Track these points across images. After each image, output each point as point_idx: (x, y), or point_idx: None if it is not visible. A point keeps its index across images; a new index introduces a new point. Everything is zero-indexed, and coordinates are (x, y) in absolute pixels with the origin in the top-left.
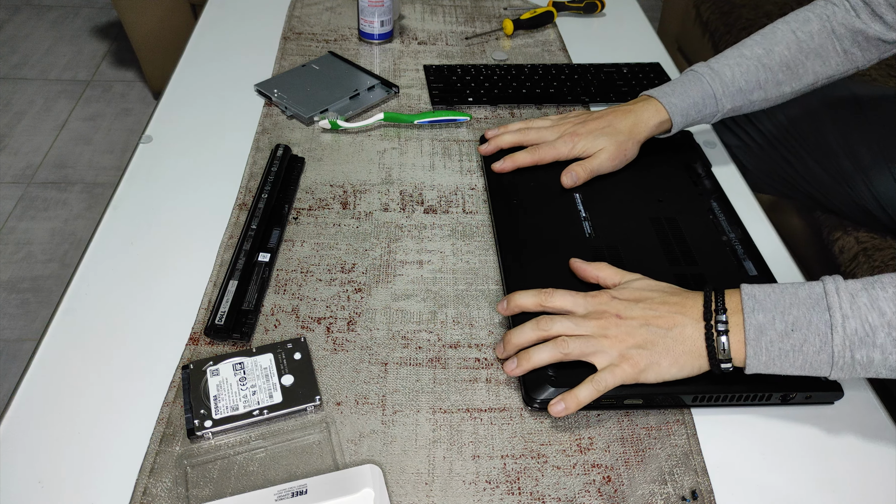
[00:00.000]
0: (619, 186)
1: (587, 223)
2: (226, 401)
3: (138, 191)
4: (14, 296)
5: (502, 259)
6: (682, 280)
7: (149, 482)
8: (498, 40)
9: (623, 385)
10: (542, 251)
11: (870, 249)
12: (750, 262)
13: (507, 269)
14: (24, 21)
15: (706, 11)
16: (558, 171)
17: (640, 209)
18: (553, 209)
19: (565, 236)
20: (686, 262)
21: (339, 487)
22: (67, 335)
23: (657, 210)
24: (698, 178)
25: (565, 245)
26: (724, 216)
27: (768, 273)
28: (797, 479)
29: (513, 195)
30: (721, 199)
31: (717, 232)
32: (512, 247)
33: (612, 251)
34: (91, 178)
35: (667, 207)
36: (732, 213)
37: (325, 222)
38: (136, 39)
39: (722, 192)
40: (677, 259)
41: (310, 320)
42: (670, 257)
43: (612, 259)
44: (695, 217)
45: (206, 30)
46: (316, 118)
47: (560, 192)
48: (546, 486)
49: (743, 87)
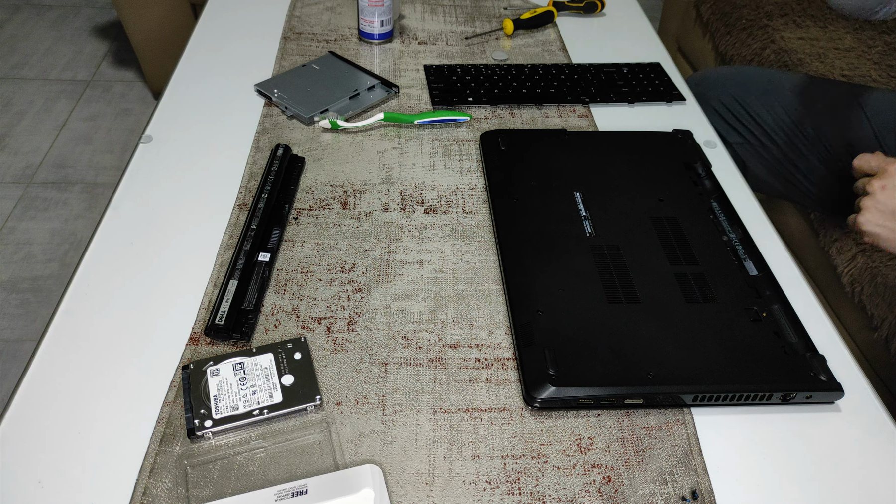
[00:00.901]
0: (619, 186)
1: (588, 222)
2: (226, 401)
3: (138, 191)
4: (14, 296)
5: (503, 258)
6: (683, 280)
7: (149, 482)
8: (498, 40)
9: (623, 384)
10: (542, 250)
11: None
12: (751, 261)
13: (507, 268)
14: (24, 21)
15: (706, 11)
16: (559, 170)
17: (641, 209)
18: (554, 208)
19: (566, 235)
20: (687, 261)
21: (340, 487)
22: (67, 335)
23: (658, 209)
24: (698, 178)
25: (566, 244)
26: (724, 216)
27: (769, 273)
28: (797, 480)
29: (513, 195)
30: (721, 199)
31: (718, 232)
32: (512, 246)
33: (613, 250)
34: (91, 178)
35: (667, 207)
36: (733, 213)
37: (325, 222)
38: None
39: (722, 191)
40: (678, 259)
41: (310, 320)
42: (671, 257)
43: (613, 259)
44: (695, 217)
45: (206, 30)
46: (316, 118)
47: (561, 192)
48: (546, 486)
49: None
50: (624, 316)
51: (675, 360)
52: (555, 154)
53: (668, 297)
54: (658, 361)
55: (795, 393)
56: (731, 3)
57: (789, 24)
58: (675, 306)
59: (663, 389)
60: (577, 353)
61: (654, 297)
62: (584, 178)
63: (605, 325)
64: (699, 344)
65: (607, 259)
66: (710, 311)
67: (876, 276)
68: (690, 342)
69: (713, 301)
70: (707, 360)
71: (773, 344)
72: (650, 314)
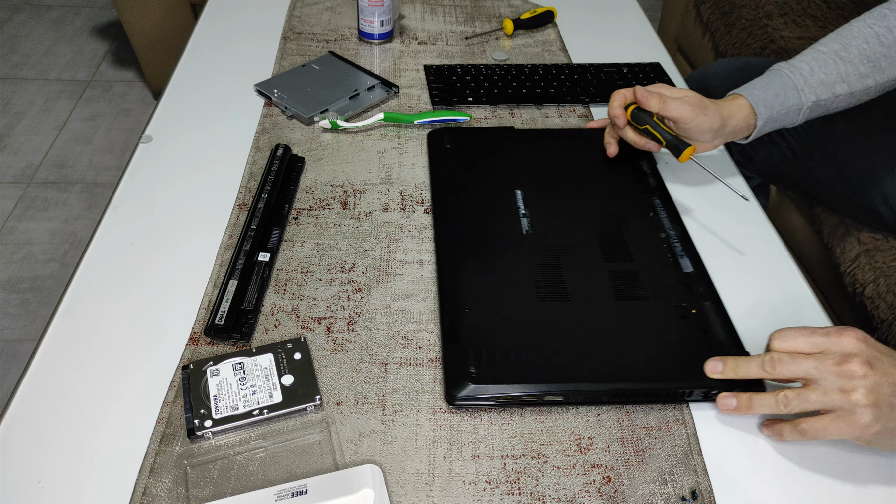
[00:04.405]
0: (561, 183)
1: (525, 220)
2: (226, 401)
3: (138, 191)
4: (14, 296)
5: (437, 256)
6: (616, 277)
7: (149, 482)
8: (498, 40)
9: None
10: (476, 248)
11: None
12: (687, 259)
13: (440, 266)
14: (24, 21)
15: (706, 11)
16: (502, 168)
17: (581, 206)
18: (493, 206)
19: (502, 233)
20: (621, 259)
21: (339, 487)
22: (67, 335)
23: (598, 207)
24: (643, 176)
25: (501, 242)
26: (665, 213)
27: (703, 270)
28: (797, 480)
29: (453, 192)
30: (664, 197)
31: (657, 229)
32: (446, 244)
33: (548, 248)
34: (91, 178)
35: (608, 205)
36: (673, 211)
37: (325, 222)
38: (136, 39)
39: (665, 189)
40: (613, 256)
41: (310, 320)
42: (606, 254)
43: (547, 257)
44: (635, 214)
45: (206, 30)
46: (316, 118)
47: (501, 190)
48: (546, 486)
49: (824, 80)
50: (552, 314)
51: (599, 357)
52: (500, 152)
53: (598, 295)
54: (581, 359)
55: (717, 390)
56: (730, 3)
57: (789, 23)
58: (604, 304)
59: (583, 387)
60: (501, 351)
61: (584, 295)
62: (527, 176)
63: (532, 322)
64: (624, 341)
65: (542, 257)
66: (638, 309)
67: (879, 276)
68: (616, 339)
69: (643, 298)
70: (630, 358)
71: (699, 341)
72: (578, 312)
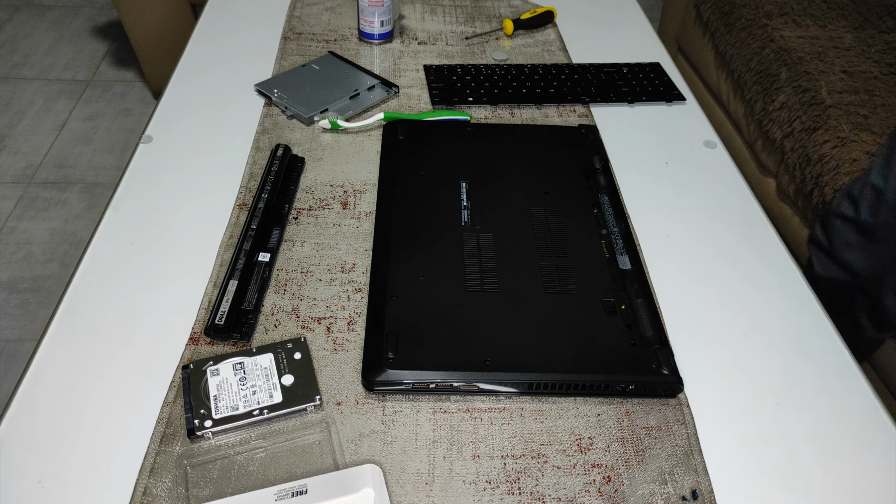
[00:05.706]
0: (508, 177)
1: (466, 211)
2: (226, 401)
3: (138, 191)
4: (14, 296)
5: (374, 246)
6: (547, 271)
7: (149, 482)
8: (498, 40)
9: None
10: (413, 237)
11: None
12: (626, 256)
13: (374, 254)
14: (24, 21)
15: (706, 11)
16: (450, 160)
17: (524, 200)
18: (436, 197)
19: (441, 224)
20: (556, 253)
21: (340, 487)
22: (67, 335)
23: (541, 202)
24: (593, 173)
25: (439, 232)
26: (611, 211)
27: (640, 268)
28: (797, 480)
29: (398, 183)
30: (612, 194)
31: (598, 226)
32: (383, 233)
33: (485, 240)
34: (91, 178)
35: (551, 200)
36: (620, 209)
37: (325, 222)
38: (136, 39)
39: (615, 187)
40: (548, 250)
41: (310, 320)
42: (541, 248)
43: (482, 248)
44: (578, 210)
45: (206, 30)
46: (316, 118)
47: (446, 181)
48: (546, 486)
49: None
50: (478, 304)
51: (519, 348)
52: (451, 145)
53: (526, 287)
54: (501, 349)
55: (633, 385)
56: (730, 3)
57: (789, 23)
58: (531, 296)
59: (498, 377)
60: (423, 338)
61: (512, 287)
62: (474, 169)
63: (457, 312)
64: (547, 333)
65: (477, 248)
66: (565, 302)
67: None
68: (537, 332)
69: (571, 292)
70: (551, 350)
71: (622, 336)
72: (504, 303)
